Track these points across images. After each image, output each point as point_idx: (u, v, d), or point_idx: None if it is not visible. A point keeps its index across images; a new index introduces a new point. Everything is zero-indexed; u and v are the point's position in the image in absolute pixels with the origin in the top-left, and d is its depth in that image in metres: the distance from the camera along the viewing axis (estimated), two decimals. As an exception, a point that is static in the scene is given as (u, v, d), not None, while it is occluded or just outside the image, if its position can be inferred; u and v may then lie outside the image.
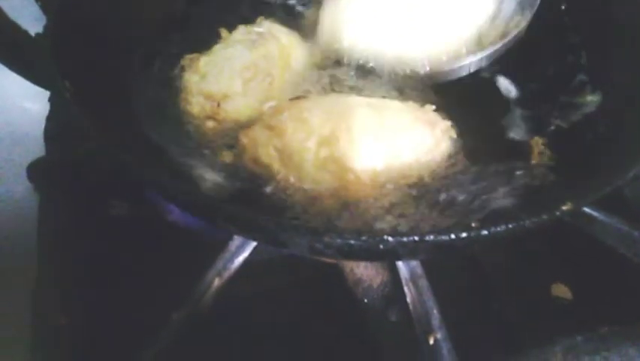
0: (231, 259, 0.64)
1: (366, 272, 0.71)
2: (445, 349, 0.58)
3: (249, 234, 0.51)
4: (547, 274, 0.71)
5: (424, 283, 0.63)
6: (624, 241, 0.65)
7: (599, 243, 0.66)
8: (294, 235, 0.42)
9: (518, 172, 0.61)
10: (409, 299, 0.63)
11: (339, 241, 0.42)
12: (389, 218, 0.55)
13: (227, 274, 0.63)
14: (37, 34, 0.56)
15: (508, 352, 0.61)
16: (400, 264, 0.65)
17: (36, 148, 0.80)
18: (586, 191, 0.48)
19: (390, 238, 0.41)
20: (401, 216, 0.55)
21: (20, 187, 0.77)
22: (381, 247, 0.41)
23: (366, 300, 0.69)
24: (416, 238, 0.41)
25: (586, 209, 0.68)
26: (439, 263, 0.66)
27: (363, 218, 0.55)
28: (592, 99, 0.67)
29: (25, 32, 0.57)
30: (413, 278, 0.63)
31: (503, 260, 0.72)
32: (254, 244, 0.66)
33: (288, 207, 0.57)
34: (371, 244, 0.41)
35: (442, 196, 0.58)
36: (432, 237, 0.41)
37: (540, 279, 0.71)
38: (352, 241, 0.41)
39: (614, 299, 0.66)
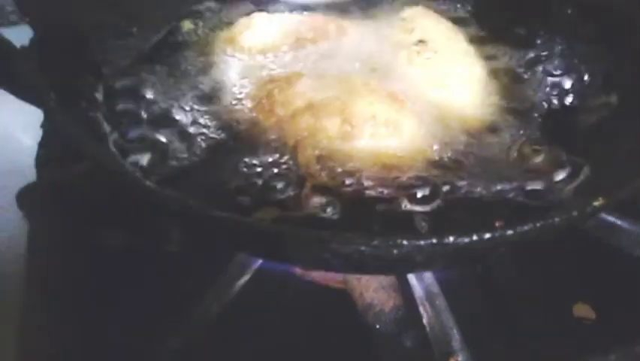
0: (231, 283, 0.60)
1: (377, 296, 0.66)
2: (469, 373, 0.53)
3: (243, 244, 0.47)
4: (568, 294, 0.66)
5: (441, 301, 0.58)
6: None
7: (619, 258, 0.63)
8: (296, 243, 0.38)
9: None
10: (425, 320, 0.59)
11: (347, 248, 0.37)
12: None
13: (226, 299, 0.59)
14: (23, 47, 0.54)
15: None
16: (414, 283, 0.60)
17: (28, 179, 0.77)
18: (614, 187, 0.44)
19: (405, 242, 0.37)
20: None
21: (9, 218, 0.75)
22: (395, 252, 0.37)
23: (378, 326, 0.64)
24: (434, 241, 0.37)
25: (609, 218, 0.64)
26: (455, 286, 0.62)
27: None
28: (607, 101, 0.64)
29: (9, 43, 0.55)
30: (429, 297, 0.59)
31: (521, 281, 0.68)
32: (254, 266, 0.61)
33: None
34: (384, 250, 0.37)
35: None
36: (452, 239, 0.37)
37: (561, 299, 0.66)
38: (363, 248, 0.37)
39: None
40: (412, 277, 0.61)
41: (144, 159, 0.57)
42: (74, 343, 0.59)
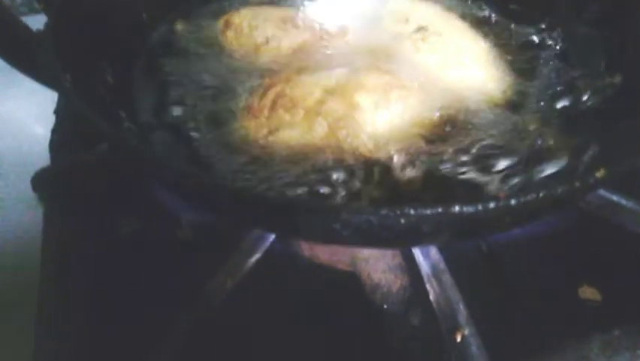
0: (243, 261, 0.61)
1: (384, 277, 0.67)
2: (475, 345, 0.54)
3: (257, 219, 0.48)
4: (574, 275, 0.67)
5: (447, 278, 0.59)
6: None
7: (625, 239, 0.63)
8: (308, 215, 0.40)
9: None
10: (432, 297, 0.60)
11: (357, 218, 0.39)
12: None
13: (239, 277, 0.60)
14: (39, 30, 0.56)
15: (542, 349, 0.57)
16: (420, 260, 0.62)
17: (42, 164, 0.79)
18: (617, 161, 0.45)
19: (412, 211, 0.38)
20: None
21: (25, 201, 0.76)
22: (402, 221, 0.38)
23: (385, 306, 0.66)
24: (440, 210, 0.38)
25: (614, 197, 0.65)
26: (461, 264, 0.63)
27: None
28: (611, 82, 0.65)
29: (26, 27, 0.57)
30: (436, 274, 0.60)
31: (527, 262, 0.68)
32: (266, 244, 0.63)
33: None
34: (392, 219, 0.38)
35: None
36: (457, 209, 0.38)
37: (566, 280, 0.67)
38: (372, 217, 0.38)
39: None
40: (418, 255, 0.62)
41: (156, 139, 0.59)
42: (88, 322, 0.60)
